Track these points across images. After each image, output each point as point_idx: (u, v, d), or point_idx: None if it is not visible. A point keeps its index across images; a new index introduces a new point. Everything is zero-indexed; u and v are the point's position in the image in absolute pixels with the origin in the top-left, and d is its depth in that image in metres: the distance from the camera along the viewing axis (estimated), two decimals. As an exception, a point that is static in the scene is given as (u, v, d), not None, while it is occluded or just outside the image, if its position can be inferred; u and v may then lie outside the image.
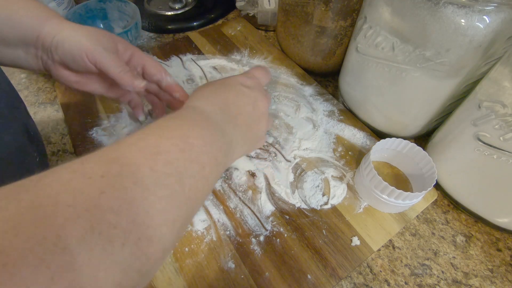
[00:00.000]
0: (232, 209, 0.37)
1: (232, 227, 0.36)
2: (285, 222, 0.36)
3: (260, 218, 0.36)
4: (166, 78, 0.40)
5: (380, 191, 0.35)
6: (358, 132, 0.44)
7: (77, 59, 0.34)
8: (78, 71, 0.36)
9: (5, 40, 0.33)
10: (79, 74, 0.37)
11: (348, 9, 0.43)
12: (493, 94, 0.30)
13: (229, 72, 0.52)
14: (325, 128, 0.45)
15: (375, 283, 0.34)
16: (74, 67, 0.35)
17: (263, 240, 0.35)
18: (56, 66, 0.36)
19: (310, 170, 0.40)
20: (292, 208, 0.37)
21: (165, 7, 0.67)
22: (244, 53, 0.56)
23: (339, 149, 0.43)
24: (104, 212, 0.17)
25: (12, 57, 0.35)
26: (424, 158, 0.37)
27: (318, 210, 0.37)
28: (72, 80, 0.37)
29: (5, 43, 0.33)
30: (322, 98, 0.49)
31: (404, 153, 0.39)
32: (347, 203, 0.38)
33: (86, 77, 0.38)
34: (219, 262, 0.33)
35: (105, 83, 0.40)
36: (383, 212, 0.37)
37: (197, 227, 0.35)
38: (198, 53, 0.56)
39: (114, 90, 0.41)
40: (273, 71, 0.53)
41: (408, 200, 0.34)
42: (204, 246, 0.34)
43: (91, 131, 0.44)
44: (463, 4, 0.28)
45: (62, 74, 0.36)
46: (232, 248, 0.34)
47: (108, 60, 0.34)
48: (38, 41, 0.34)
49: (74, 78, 0.37)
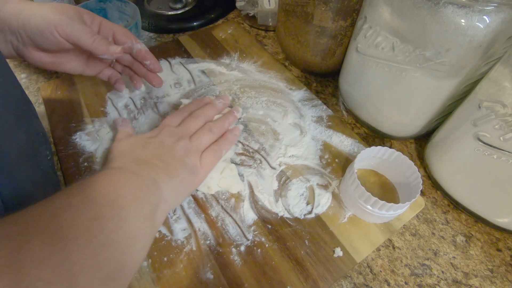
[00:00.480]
0: (214, 217, 0.36)
1: (213, 237, 0.34)
2: (267, 232, 0.35)
3: (242, 227, 0.35)
4: (137, 45, 0.39)
5: (364, 201, 0.34)
6: (346, 138, 0.43)
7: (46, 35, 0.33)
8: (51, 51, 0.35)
9: None
10: (53, 54, 0.36)
11: (348, 9, 0.43)
12: (493, 94, 0.30)
13: (217, 76, 0.52)
14: (313, 134, 0.44)
15: (375, 283, 0.34)
16: (45, 45, 0.34)
17: (244, 250, 0.34)
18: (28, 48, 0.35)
19: (295, 178, 0.39)
20: (275, 217, 0.36)
21: (165, 7, 0.67)
22: (234, 57, 0.55)
23: (325, 156, 0.42)
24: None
25: None
26: (410, 167, 0.36)
27: (302, 219, 0.36)
28: (46, 62, 0.36)
29: None
30: (311, 104, 0.48)
31: (390, 161, 0.38)
32: (332, 212, 0.37)
33: (60, 56, 0.37)
34: (198, 273, 0.32)
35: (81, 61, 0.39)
36: (367, 222, 0.36)
37: (177, 236, 0.34)
38: (187, 57, 0.55)
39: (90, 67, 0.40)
40: (263, 75, 0.52)
41: (392, 211, 0.33)
42: (183, 256, 0.33)
43: (75, 135, 0.42)
44: (463, 4, 0.28)
45: (35, 56, 0.35)
46: (211, 258, 0.33)
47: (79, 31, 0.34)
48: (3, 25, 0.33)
49: (49, 59, 0.36)
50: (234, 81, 0.51)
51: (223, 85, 0.50)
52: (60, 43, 0.34)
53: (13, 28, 0.33)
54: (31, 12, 0.33)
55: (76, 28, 0.33)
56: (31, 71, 0.54)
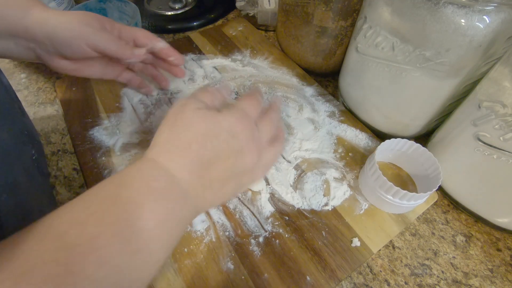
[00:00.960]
0: (232, 209, 0.37)
1: (232, 228, 0.36)
2: (284, 223, 0.36)
3: (259, 219, 0.36)
4: (158, 44, 0.40)
5: (384, 192, 0.35)
6: (360, 133, 0.44)
7: (75, 47, 0.34)
8: (75, 59, 0.36)
9: None
10: (76, 61, 0.37)
11: (349, 9, 0.43)
12: (493, 94, 0.30)
13: (230, 72, 0.52)
14: (327, 129, 0.45)
15: (375, 283, 0.34)
16: (71, 55, 0.35)
17: (262, 241, 0.35)
18: (52, 57, 0.36)
19: (310, 171, 0.40)
20: (291, 209, 0.37)
21: (165, 7, 0.67)
22: (245, 54, 0.56)
23: (339, 150, 0.43)
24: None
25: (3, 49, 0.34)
26: (430, 159, 0.37)
27: (318, 211, 0.37)
28: (69, 68, 0.37)
29: None
30: (324, 99, 0.49)
31: (409, 154, 0.39)
32: (347, 205, 0.38)
33: (82, 63, 0.38)
34: (218, 263, 0.33)
35: (101, 65, 0.40)
36: (383, 214, 0.37)
37: (196, 228, 0.35)
38: (199, 53, 0.56)
39: (110, 70, 0.41)
40: (276, 71, 0.53)
41: (413, 200, 0.34)
42: (203, 247, 0.34)
43: (91, 130, 0.44)
44: (463, 4, 0.28)
45: (59, 63, 0.36)
46: (231, 249, 0.34)
47: (105, 40, 0.35)
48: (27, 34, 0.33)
49: (72, 66, 0.37)
50: (247, 77, 0.52)
51: (236, 81, 0.51)
52: (86, 52, 0.35)
53: (37, 38, 0.34)
54: (57, 23, 0.33)
55: (102, 38, 0.35)
56: (31, 71, 0.54)
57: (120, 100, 0.47)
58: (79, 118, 0.45)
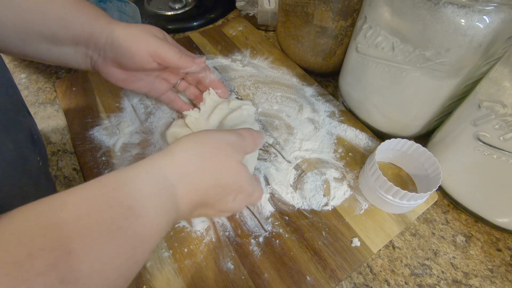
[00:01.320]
0: None
1: (232, 228, 0.36)
2: (284, 223, 0.36)
3: (259, 219, 0.36)
4: (210, 75, 0.42)
5: (384, 192, 0.35)
6: (360, 133, 0.45)
7: (136, 55, 0.35)
8: (128, 69, 0.37)
9: (56, 39, 0.33)
10: (128, 72, 0.38)
11: (349, 9, 0.43)
12: (493, 94, 0.30)
13: (230, 72, 0.52)
14: (327, 128, 0.45)
15: (375, 283, 0.34)
16: (129, 64, 0.36)
17: (263, 241, 0.35)
18: (107, 65, 0.37)
19: (310, 171, 0.40)
20: (291, 209, 0.37)
21: (165, 7, 0.67)
22: (245, 54, 0.56)
23: (339, 150, 0.43)
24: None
25: (60, 55, 0.35)
26: (430, 159, 0.37)
27: (318, 211, 0.37)
28: (120, 78, 0.38)
29: (56, 42, 0.34)
30: (324, 99, 0.49)
31: (409, 154, 0.39)
32: (347, 205, 0.38)
33: (133, 75, 0.39)
34: (218, 263, 0.33)
35: (149, 80, 0.41)
36: (383, 214, 0.37)
37: (196, 228, 0.35)
38: (199, 53, 0.56)
39: (156, 88, 0.42)
40: (275, 71, 0.53)
41: (413, 200, 0.34)
42: (203, 247, 0.34)
43: (91, 130, 0.44)
44: (463, 4, 0.28)
45: (112, 72, 0.37)
46: (231, 249, 0.34)
47: (167, 50, 0.36)
48: (90, 41, 0.34)
49: (123, 76, 0.38)
50: (248, 77, 0.52)
51: (236, 80, 0.51)
52: (146, 62, 0.36)
53: (99, 44, 0.35)
54: (123, 32, 0.34)
55: (165, 47, 0.36)
56: (31, 71, 0.54)
57: (120, 100, 0.47)
58: (79, 118, 0.45)
